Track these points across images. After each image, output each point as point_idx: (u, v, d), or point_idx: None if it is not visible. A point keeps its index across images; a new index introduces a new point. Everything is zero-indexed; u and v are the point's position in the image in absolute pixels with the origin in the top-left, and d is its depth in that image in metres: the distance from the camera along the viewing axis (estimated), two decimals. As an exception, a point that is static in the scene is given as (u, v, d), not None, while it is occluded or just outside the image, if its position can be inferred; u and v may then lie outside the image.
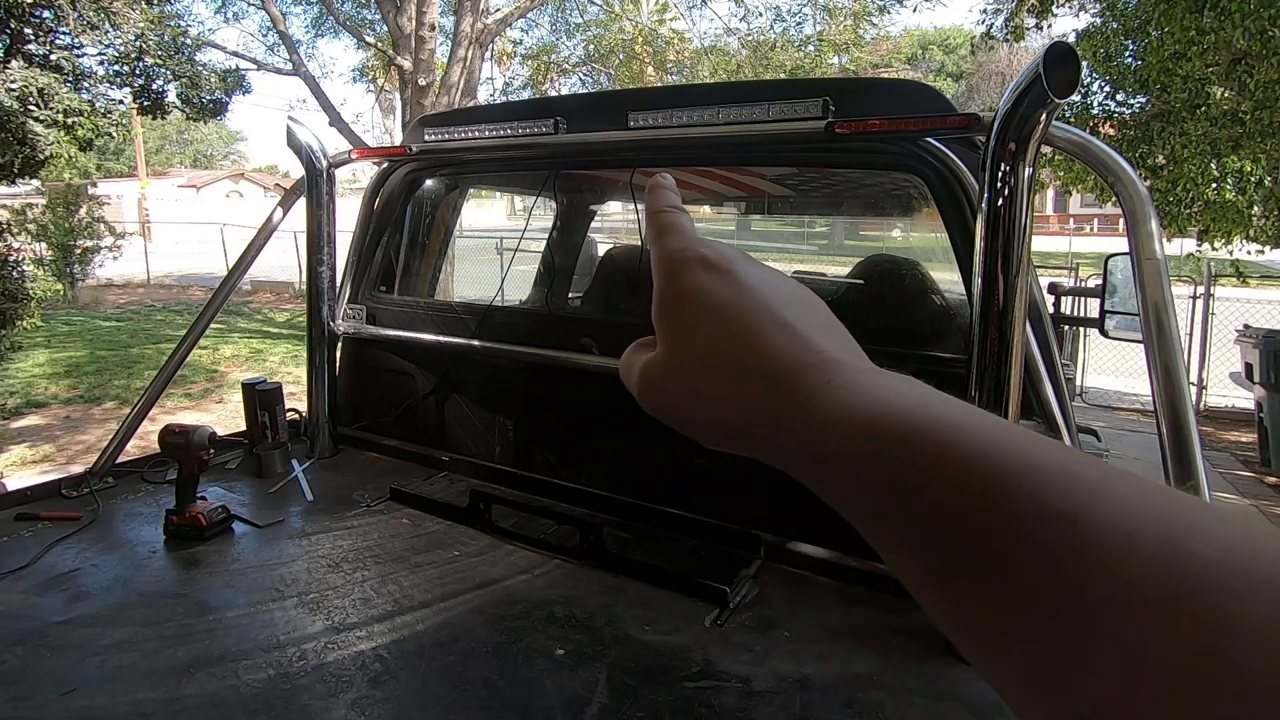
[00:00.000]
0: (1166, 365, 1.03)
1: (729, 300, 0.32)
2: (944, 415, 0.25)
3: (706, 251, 0.34)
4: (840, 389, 0.28)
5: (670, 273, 0.34)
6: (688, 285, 0.33)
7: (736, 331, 0.31)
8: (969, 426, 0.24)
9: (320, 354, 2.00)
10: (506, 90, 14.22)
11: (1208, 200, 5.96)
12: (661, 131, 1.47)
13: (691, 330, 0.33)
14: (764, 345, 0.30)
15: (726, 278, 0.33)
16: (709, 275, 0.33)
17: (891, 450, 0.25)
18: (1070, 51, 0.94)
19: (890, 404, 0.26)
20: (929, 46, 34.23)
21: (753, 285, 0.33)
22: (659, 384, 0.34)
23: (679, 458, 1.68)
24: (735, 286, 0.33)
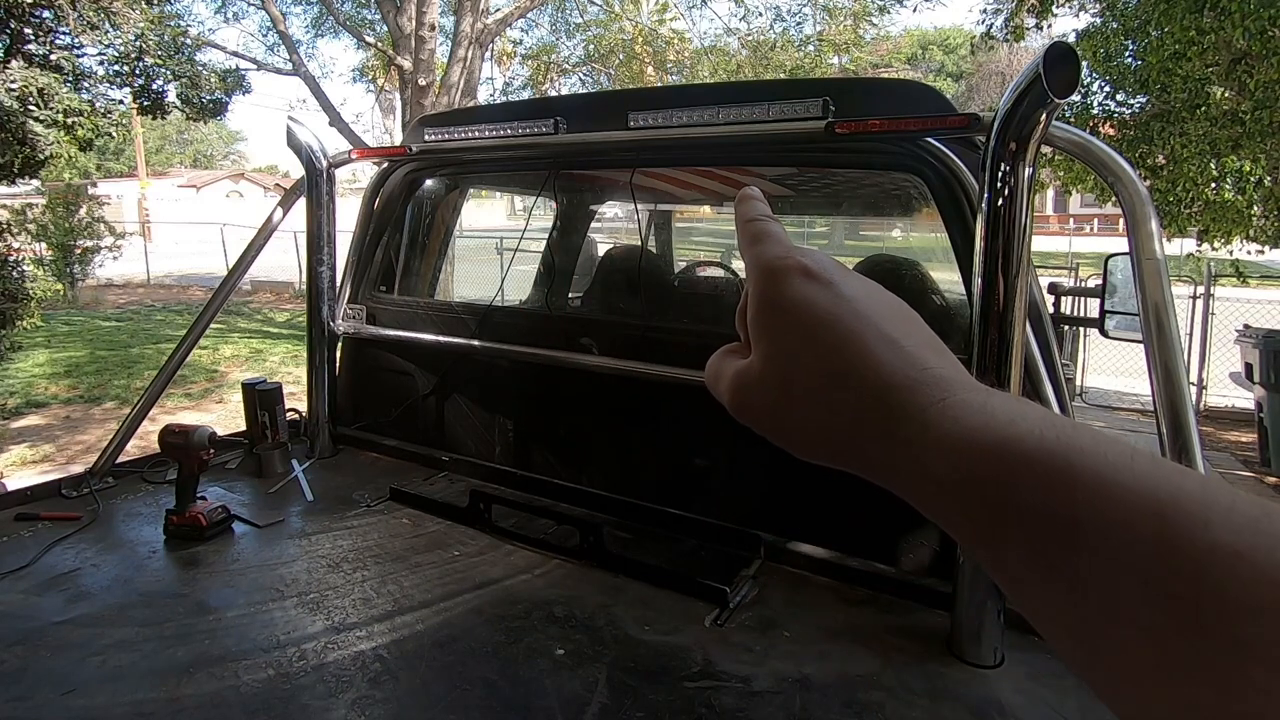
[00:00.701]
0: (1166, 365, 1.03)
1: (832, 312, 0.31)
2: (1076, 441, 0.24)
3: (807, 261, 0.33)
4: (957, 407, 0.27)
5: (769, 280, 0.33)
6: (788, 294, 0.33)
7: (840, 344, 0.31)
8: (1109, 453, 0.24)
9: (320, 354, 2.00)
10: (506, 90, 14.23)
11: (1208, 200, 5.96)
12: (661, 131, 1.47)
13: (791, 340, 0.32)
14: (870, 360, 0.30)
15: (829, 288, 0.32)
16: (810, 285, 0.32)
17: (1020, 474, 0.24)
18: (1070, 51, 0.94)
19: (1016, 425, 0.26)
20: (929, 46, 34.23)
21: (856, 297, 0.32)
22: (754, 393, 0.34)
23: (679, 458, 1.68)
24: (838, 298, 0.32)
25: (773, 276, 0.33)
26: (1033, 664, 1.09)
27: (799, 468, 1.40)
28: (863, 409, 0.29)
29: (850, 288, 0.33)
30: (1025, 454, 0.25)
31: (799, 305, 0.32)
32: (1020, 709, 0.99)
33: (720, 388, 0.36)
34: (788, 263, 0.33)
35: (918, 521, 1.39)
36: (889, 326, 0.31)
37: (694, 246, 4.60)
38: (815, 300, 0.32)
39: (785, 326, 0.32)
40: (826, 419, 0.31)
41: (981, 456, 0.26)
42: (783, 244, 0.35)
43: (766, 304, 0.33)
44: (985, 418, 0.26)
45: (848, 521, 1.44)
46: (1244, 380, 5.69)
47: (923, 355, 0.30)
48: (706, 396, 1.16)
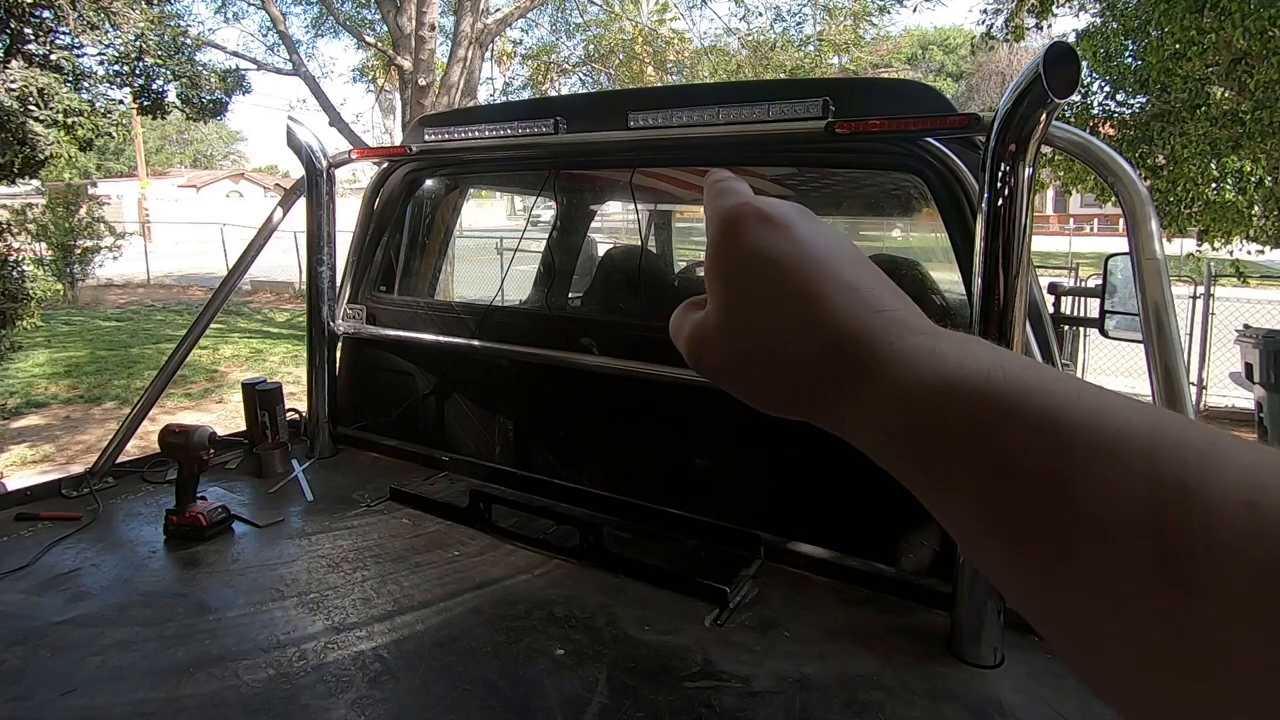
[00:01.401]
0: (1166, 365, 1.03)
1: (787, 256, 0.30)
2: (1026, 379, 0.23)
3: (764, 206, 0.32)
4: (908, 352, 0.26)
5: (725, 229, 0.32)
6: (743, 241, 0.31)
7: (796, 290, 0.30)
8: (1057, 391, 0.23)
9: (320, 354, 2.00)
10: (506, 90, 14.23)
11: (1208, 200, 5.95)
12: (661, 131, 1.47)
13: (746, 288, 0.31)
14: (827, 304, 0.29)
15: (785, 232, 0.31)
16: (766, 229, 0.31)
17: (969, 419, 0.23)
18: (1070, 51, 0.94)
19: (965, 368, 0.24)
20: (929, 46, 34.23)
21: (813, 242, 0.31)
22: (710, 344, 0.33)
23: (679, 458, 1.68)
24: (794, 243, 0.31)
25: (729, 224, 0.32)
26: (1033, 664, 1.09)
27: (799, 468, 1.40)
28: (819, 357, 0.28)
29: (809, 232, 0.31)
30: (971, 398, 0.24)
31: (753, 251, 0.31)
32: (1020, 709, 0.99)
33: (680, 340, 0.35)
34: (745, 209, 0.32)
35: (918, 521, 1.39)
36: (848, 272, 0.30)
37: (694, 246, 4.60)
38: (771, 246, 0.31)
39: (739, 273, 0.31)
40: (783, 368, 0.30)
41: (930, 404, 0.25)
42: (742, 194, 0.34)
43: (722, 252, 0.32)
44: (935, 362, 0.25)
45: (848, 521, 1.44)
46: (1244, 380, 5.69)
47: (878, 297, 0.29)
48: (707, 397, 1.17)
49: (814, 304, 0.29)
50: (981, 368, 0.24)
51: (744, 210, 0.32)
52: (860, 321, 0.28)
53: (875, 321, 0.28)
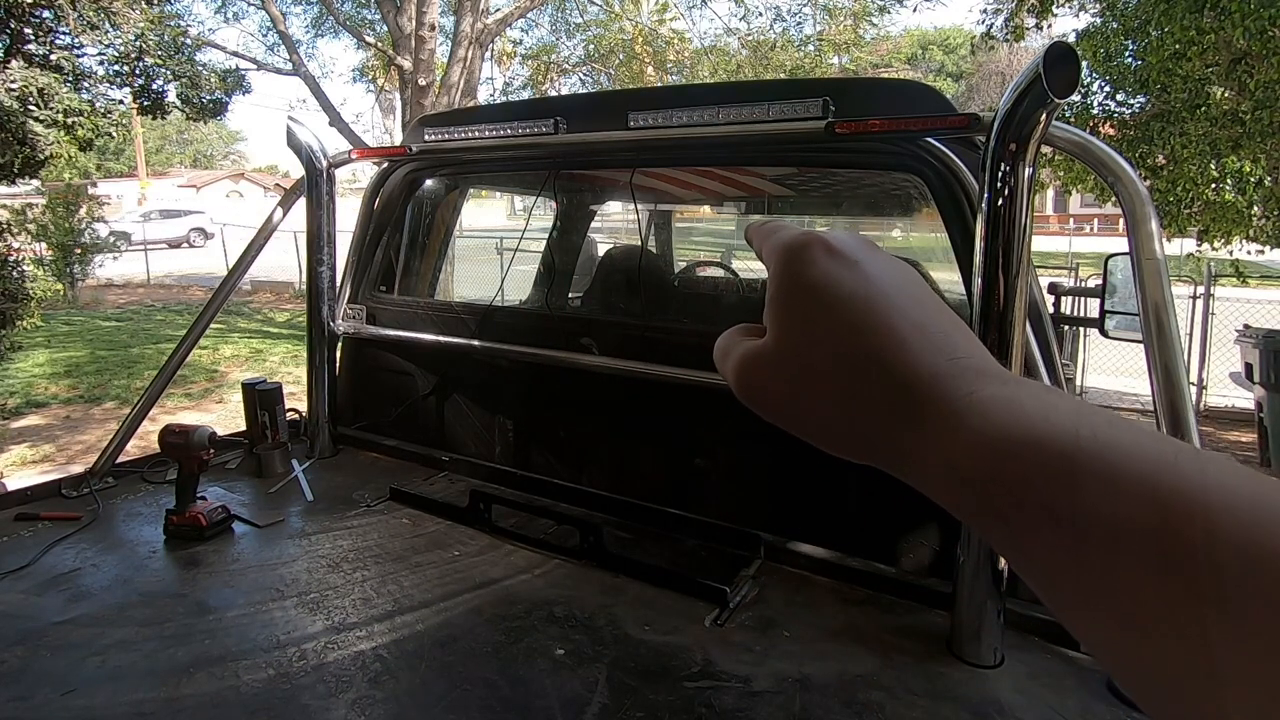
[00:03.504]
0: (1166, 365, 1.03)
1: (856, 292, 0.29)
2: (1114, 438, 0.23)
3: (829, 238, 0.31)
4: (987, 402, 0.26)
5: (788, 258, 0.31)
6: (809, 271, 0.30)
7: (864, 328, 0.28)
8: (1147, 451, 0.22)
9: (320, 354, 2.00)
10: (506, 90, 14.22)
11: (1208, 200, 5.95)
12: (661, 131, 1.47)
13: (811, 321, 0.30)
14: (897, 346, 0.28)
15: (854, 267, 0.30)
16: (833, 261, 0.30)
17: (1054, 474, 0.23)
18: (1070, 51, 0.94)
19: (1050, 422, 0.24)
20: (929, 46, 34.23)
21: (882, 277, 0.30)
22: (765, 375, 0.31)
23: (679, 458, 1.68)
24: (864, 277, 0.30)
25: (792, 254, 0.31)
26: (1033, 664, 1.09)
27: (799, 468, 1.41)
28: (887, 399, 0.27)
29: (877, 266, 0.30)
30: (1052, 452, 0.23)
31: (820, 283, 0.30)
32: (1020, 709, 0.99)
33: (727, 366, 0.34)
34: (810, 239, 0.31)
35: (918, 521, 1.39)
36: (917, 311, 0.29)
37: (694, 246, 4.59)
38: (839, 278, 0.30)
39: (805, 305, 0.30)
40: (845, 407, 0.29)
41: (1013, 455, 0.24)
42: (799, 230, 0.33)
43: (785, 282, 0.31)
44: (1016, 413, 0.25)
45: (848, 521, 1.44)
46: (1244, 380, 5.69)
47: (952, 342, 0.28)
48: (706, 396, 1.18)
49: (885, 343, 0.28)
50: (1067, 425, 0.24)
51: (808, 240, 0.31)
52: (936, 367, 0.27)
53: (952, 368, 0.27)
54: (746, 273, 2.93)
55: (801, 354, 0.30)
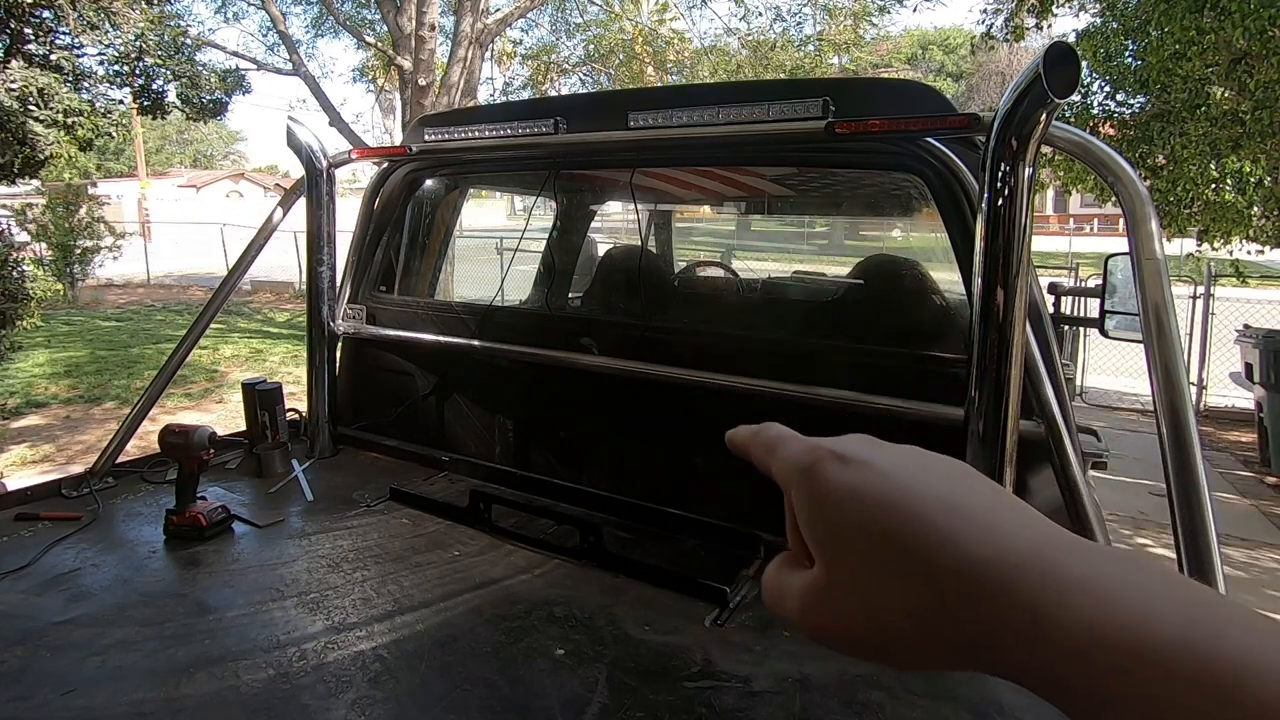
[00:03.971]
0: (1166, 365, 1.03)
1: (881, 494, 0.28)
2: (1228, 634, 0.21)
3: (834, 446, 0.31)
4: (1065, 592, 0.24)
5: (803, 480, 0.31)
6: (828, 488, 0.30)
7: (903, 528, 0.27)
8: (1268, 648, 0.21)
9: (320, 354, 2.00)
10: (506, 90, 14.23)
11: (1208, 200, 5.95)
12: (661, 131, 1.47)
13: (850, 538, 0.29)
14: (943, 539, 0.26)
15: (866, 468, 0.29)
16: (847, 469, 0.29)
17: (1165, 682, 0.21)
18: (1070, 51, 0.94)
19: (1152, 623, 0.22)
20: (929, 46, 34.23)
21: (898, 471, 0.29)
22: (827, 611, 0.30)
23: (679, 458, 1.68)
24: (881, 476, 0.29)
25: (805, 474, 0.31)
26: None
27: None
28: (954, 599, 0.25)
29: (890, 462, 0.30)
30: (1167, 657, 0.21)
31: (842, 495, 0.29)
32: (1020, 709, 0.99)
33: (788, 609, 0.32)
34: (817, 454, 0.31)
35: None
36: (953, 495, 0.28)
37: (694, 246, 4.60)
38: (857, 486, 0.29)
39: (838, 525, 0.29)
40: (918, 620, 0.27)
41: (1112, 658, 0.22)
42: (800, 439, 0.33)
43: (811, 506, 0.30)
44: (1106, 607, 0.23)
45: None
46: (1244, 380, 5.70)
47: (1003, 522, 0.26)
48: (706, 397, 1.18)
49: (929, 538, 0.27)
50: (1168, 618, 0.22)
51: (816, 455, 0.31)
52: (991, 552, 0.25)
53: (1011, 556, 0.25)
54: (746, 273, 2.93)
55: (855, 575, 0.28)
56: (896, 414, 1.32)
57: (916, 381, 1.34)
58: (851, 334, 1.85)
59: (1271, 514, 4.63)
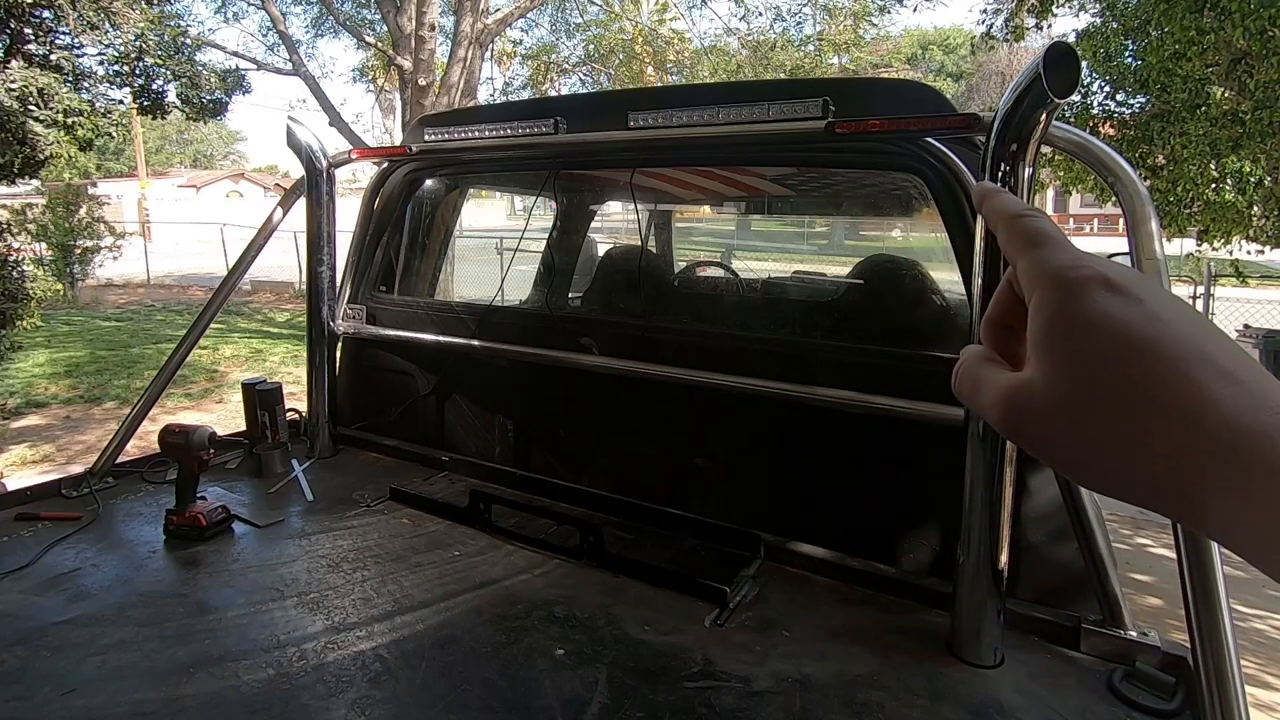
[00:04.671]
0: (1166, 365, 1.02)
1: (1148, 334, 0.27)
2: None
3: (1110, 272, 0.29)
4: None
5: (1063, 292, 0.29)
6: (1090, 310, 0.28)
7: (1165, 374, 0.26)
8: None
9: (320, 354, 2.00)
10: (506, 90, 14.23)
11: (1208, 200, 5.95)
12: (661, 131, 1.47)
13: (1095, 363, 0.28)
14: (1204, 395, 0.26)
15: (1140, 306, 0.28)
16: (1117, 300, 0.28)
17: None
18: (1070, 51, 0.94)
19: None
20: (929, 46, 34.23)
21: (1173, 319, 0.28)
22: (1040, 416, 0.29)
23: (679, 458, 1.68)
24: (1153, 318, 0.28)
25: (1069, 288, 0.29)
26: (1032, 664, 1.09)
27: (799, 468, 1.40)
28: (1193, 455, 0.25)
29: (1165, 306, 0.28)
30: None
31: (1105, 323, 0.28)
32: (1020, 709, 0.99)
33: (984, 401, 0.31)
34: (1085, 273, 0.29)
35: (917, 521, 1.39)
36: (1221, 356, 0.27)
37: (694, 246, 4.59)
38: (1125, 318, 0.28)
39: (1086, 347, 0.28)
40: (1137, 459, 0.27)
41: None
42: (1071, 249, 0.31)
43: (1061, 319, 0.29)
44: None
45: (847, 521, 1.44)
46: (1244, 380, 5.69)
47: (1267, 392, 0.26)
48: (706, 397, 1.17)
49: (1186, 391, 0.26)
50: None
51: (1085, 274, 0.29)
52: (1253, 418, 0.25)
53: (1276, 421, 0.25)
54: (746, 273, 2.93)
55: (1085, 399, 0.28)
56: (896, 414, 1.32)
57: (916, 381, 1.34)
58: (852, 334, 1.85)
59: (1271, 514, 4.62)
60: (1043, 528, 1.27)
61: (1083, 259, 0.30)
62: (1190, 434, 0.25)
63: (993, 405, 0.31)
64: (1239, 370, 0.26)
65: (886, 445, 1.41)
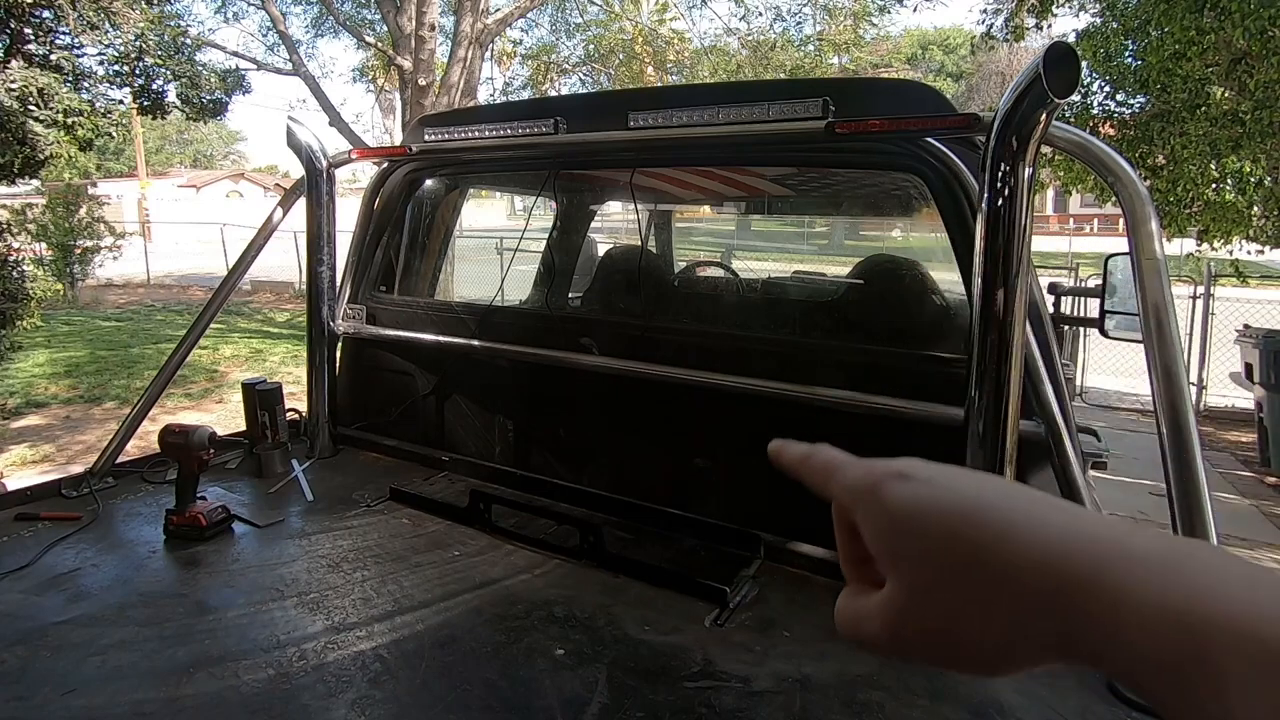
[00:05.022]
0: (1166, 365, 1.03)
1: (950, 506, 0.29)
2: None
3: (895, 465, 0.31)
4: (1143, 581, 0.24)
5: (871, 501, 0.31)
6: (893, 504, 0.30)
7: (980, 536, 0.28)
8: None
9: (320, 354, 2.00)
10: (506, 90, 14.23)
11: (1208, 200, 5.95)
12: (661, 131, 1.47)
13: (926, 551, 0.29)
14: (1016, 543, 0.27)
15: (931, 484, 0.30)
16: (910, 485, 0.30)
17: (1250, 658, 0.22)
18: (1070, 51, 0.94)
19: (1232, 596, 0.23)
20: (929, 46, 34.23)
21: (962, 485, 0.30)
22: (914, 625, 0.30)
23: (679, 458, 1.68)
24: (948, 490, 0.29)
25: (870, 493, 0.31)
26: None
27: None
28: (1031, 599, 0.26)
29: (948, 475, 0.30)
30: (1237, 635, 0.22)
31: (910, 510, 0.30)
32: (1020, 709, 0.99)
33: (867, 631, 0.32)
34: (877, 474, 0.32)
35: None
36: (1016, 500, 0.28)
37: (694, 246, 4.60)
38: (924, 499, 0.30)
39: (909, 540, 0.30)
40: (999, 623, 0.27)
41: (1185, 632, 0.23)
42: (858, 462, 0.33)
43: (880, 524, 0.31)
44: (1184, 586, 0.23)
45: None
46: (1244, 380, 5.70)
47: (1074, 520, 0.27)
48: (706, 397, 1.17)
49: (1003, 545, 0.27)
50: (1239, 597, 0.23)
51: (876, 475, 0.32)
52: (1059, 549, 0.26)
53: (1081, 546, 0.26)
54: (746, 273, 2.93)
55: (937, 590, 0.29)
56: (896, 414, 1.32)
57: (916, 381, 1.34)
58: (851, 334, 1.85)
59: (1271, 514, 4.63)
60: (1043, 528, 1.27)
61: (872, 465, 0.32)
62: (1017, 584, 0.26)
63: (877, 633, 0.31)
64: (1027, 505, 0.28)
65: (887, 445, 1.41)
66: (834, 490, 0.34)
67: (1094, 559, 0.25)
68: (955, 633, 0.29)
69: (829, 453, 0.35)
